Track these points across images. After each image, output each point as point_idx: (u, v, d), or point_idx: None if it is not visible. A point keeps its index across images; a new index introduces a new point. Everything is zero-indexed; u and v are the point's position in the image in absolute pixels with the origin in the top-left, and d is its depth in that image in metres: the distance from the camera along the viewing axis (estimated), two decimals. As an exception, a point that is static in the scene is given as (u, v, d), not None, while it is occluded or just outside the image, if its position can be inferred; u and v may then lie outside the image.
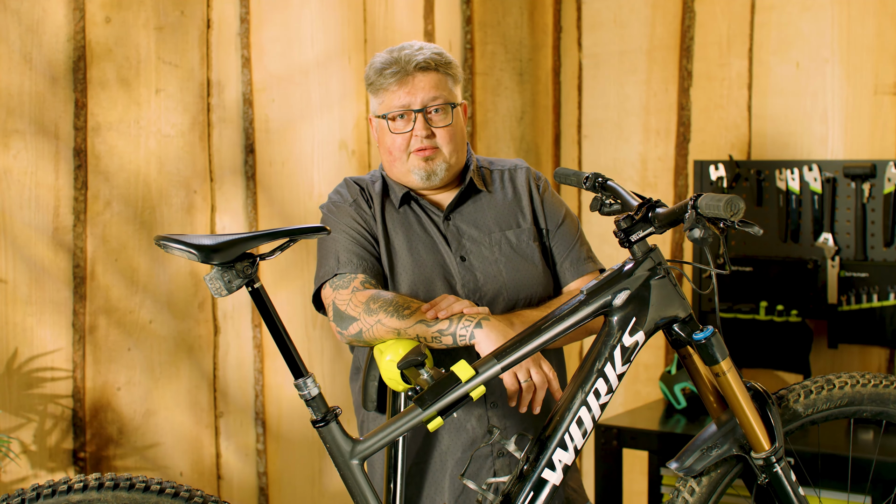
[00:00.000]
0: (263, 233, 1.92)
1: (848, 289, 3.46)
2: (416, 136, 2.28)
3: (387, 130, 2.30)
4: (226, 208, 3.24)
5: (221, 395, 3.25)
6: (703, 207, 1.89)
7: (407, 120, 2.28)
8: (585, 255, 2.39)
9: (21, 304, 2.81)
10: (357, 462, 1.99)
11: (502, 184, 2.41)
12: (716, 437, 2.10)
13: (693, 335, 2.04)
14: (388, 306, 2.14)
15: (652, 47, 4.00)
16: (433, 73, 2.28)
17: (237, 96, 3.25)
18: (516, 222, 2.36)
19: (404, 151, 2.29)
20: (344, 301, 2.20)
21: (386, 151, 2.32)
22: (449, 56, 2.33)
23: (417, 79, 2.27)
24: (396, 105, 2.28)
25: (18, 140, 2.80)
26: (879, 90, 3.55)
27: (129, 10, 3.00)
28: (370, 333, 2.16)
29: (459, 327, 2.09)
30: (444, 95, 2.29)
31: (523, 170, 2.44)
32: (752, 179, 3.65)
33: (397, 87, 2.27)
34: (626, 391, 4.08)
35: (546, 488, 2.00)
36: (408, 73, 2.27)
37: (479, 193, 2.38)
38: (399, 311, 2.13)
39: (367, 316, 2.15)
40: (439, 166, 2.30)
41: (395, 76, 2.27)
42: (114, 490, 1.87)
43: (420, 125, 2.27)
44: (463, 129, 2.35)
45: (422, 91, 2.27)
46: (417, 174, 2.30)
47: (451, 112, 2.30)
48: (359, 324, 2.17)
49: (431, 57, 2.29)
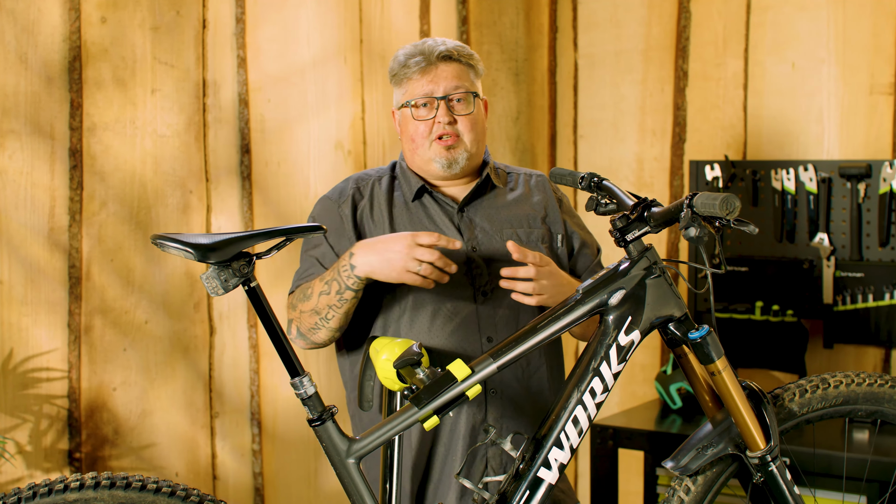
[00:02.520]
0: (260, 232, 1.92)
1: (843, 289, 3.47)
2: (439, 123, 2.32)
3: (410, 118, 2.35)
4: (221, 208, 3.24)
5: (217, 395, 3.24)
6: (699, 206, 1.90)
7: (430, 108, 2.33)
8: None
9: (16, 305, 2.81)
10: (353, 461, 1.99)
11: (517, 184, 2.46)
12: (711, 436, 2.11)
13: (688, 334, 2.04)
14: (300, 294, 2.27)
15: (648, 47, 4.00)
16: (456, 63, 2.35)
17: (233, 96, 3.25)
18: (527, 222, 2.40)
19: (426, 138, 2.33)
20: (286, 308, 2.35)
21: (409, 139, 2.37)
22: (472, 50, 2.39)
23: (440, 68, 2.33)
24: (420, 93, 2.33)
25: (14, 140, 2.80)
26: (875, 90, 3.55)
27: (124, 10, 3.00)
28: (304, 327, 2.27)
29: (345, 279, 2.17)
30: (465, 85, 2.34)
31: (542, 177, 2.50)
32: (747, 179, 3.66)
33: (420, 75, 2.33)
34: (622, 391, 4.09)
35: (542, 487, 2.00)
36: (431, 62, 2.33)
37: (495, 190, 2.42)
38: (305, 292, 2.25)
39: (293, 312, 2.29)
40: (461, 155, 2.34)
41: (418, 65, 2.33)
42: (110, 489, 1.87)
43: (443, 111, 2.32)
44: (483, 121, 2.40)
45: (444, 80, 2.33)
46: (439, 162, 2.34)
47: (472, 101, 2.35)
48: (294, 323, 2.29)
49: (455, 47, 2.35)
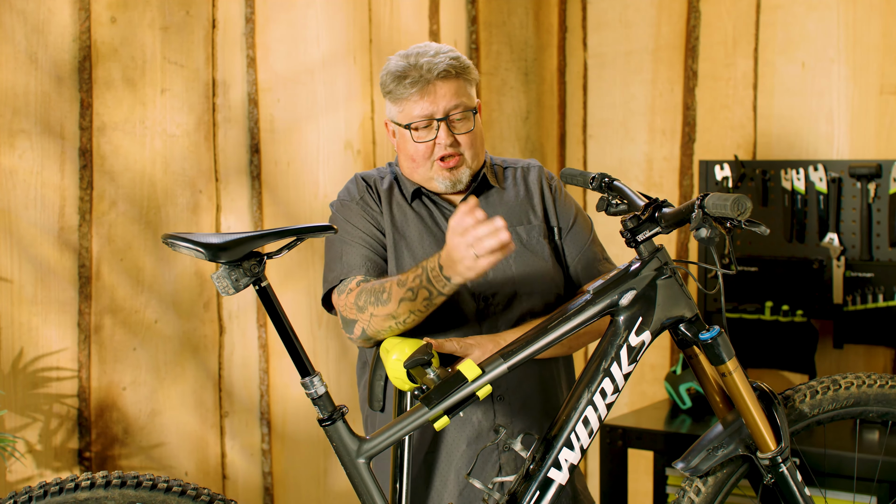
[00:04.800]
0: (271, 231, 1.92)
1: (853, 289, 3.46)
2: (440, 145, 2.26)
3: (409, 139, 2.28)
4: (231, 208, 3.24)
5: (227, 394, 3.25)
6: (710, 207, 1.89)
7: (430, 129, 2.26)
8: (600, 255, 2.38)
9: (26, 304, 2.82)
10: (363, 461, 1.99)
11: (514, 181, 2.40)
12: (722, 437, 2.10)
13: (699, 335, 2.04)
14: (371, 297, 2.14)
15: (657, 47, 3.99)
16: (454, 80, 2.26)
17: (242, 96, 3.26)
18: (527, 219, 2.36)
19: (427, 159, 2.28)
20: (345, 307, 2.21)
21: (408, 158, 2.30)
22: (466, 60, 2.31)
23: (439, 87, 2.24)
24: (419, 115, 2.25)
25: (24, 140, 2.80)
26: (885, 90, 3.54)
27: (134, 10, 3.00)
28: (372, 329, 2.16)
29: (434, 280, 2.04)
30: (464, 102, 2.27)
31: (536, 168, 2.43)
32: (757, 179, 3.65)
33: (419, 96, 2.24)
34: (632, 391, 4.08)
35: (552, 488, 2.00)
36: (429, 81, 2.24)
37: (492, 190, 2.38)
38: (379, 297, 2.12)
39: (361, 314, 2.16)
40: (464, 174, 2.30)
41: (415, 86, 2.24)
42: (121, 488, 1.88)
43: (444, 134, 2.25)
44: (482, 131, 2.35)
45: (443, 99, 2.25)
46: (442, 183, 2.29)
47: (472, 118, 2.29)
48: (359, 324, 2.17)
49: (451, 64, 2.25)
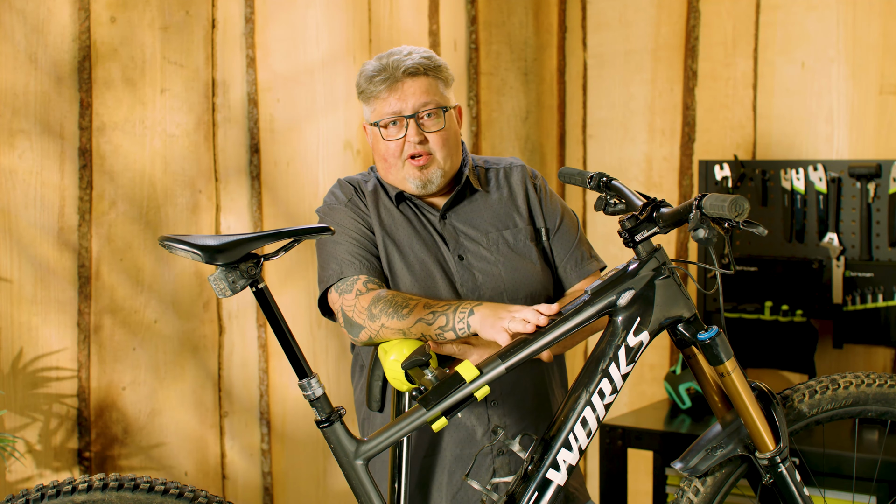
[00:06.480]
0: (268, 233, 1.92)
1: (853, 289, 3.46)
2: (409, 142, 2.26)
3: (380, 138, 2.29)
4: (231, 208, 3.24)
5: (226, 394, 3.25)
6: (708, 208, 1.89)
7: (399, 126, 2.26)
8: (587, 254, 2.38)
9: (26, 304, 2.82)
10: (361, 462, 1.99)
11: (497, 183, 2.39)
12: (720, 437, 2.10)
13: (698, 335, 2.04)
14: (388, 308, 2.14)
15: (657, 47, 3.99)
16: (423, 77, 2.26)
17: (242, 96, 3.26)
18: (513, 222, 2.35)
19: (398, 158, 2.27)
20: (350, 307, 2.21)
21: (381, 159, 2.31)
22: (439, 59, 2.30)
23: (407, 84, 2.25)
24: (387, 112, 2.26)
25: (24, 140, 2.80)
26: (885, 90, 3.54)
27: (134, 9, 3.00)
28: (378, 337, 2.17)
29: (457, 321, 2.08)
30: (435, 100, 2.27)
31: (518, 168, 2.42)
32: (756, 179, 3.65)
33: (388, 93, 2.25)
34: (631, 391, 4.08)
35: (550, 488, 2.00)
36: (397, 79, 2.25)
37: (475, 193, 2.36)
38: (398, 311, 2.13)
39: (371, 322, 2.16)
40: (434, 174, 2.28)
41: (384, 83, 2.25)
42: (118, 490, 1.88)
43: (413, 131, 2.25)
44: (457, 132, 2.33)
45: (412, 97, 2.25)
46: (413, 183, 2.29)
47: (443, 116, 2.27)
48: (366, 331, 2.17)
49: (420, 62, 2.26)
